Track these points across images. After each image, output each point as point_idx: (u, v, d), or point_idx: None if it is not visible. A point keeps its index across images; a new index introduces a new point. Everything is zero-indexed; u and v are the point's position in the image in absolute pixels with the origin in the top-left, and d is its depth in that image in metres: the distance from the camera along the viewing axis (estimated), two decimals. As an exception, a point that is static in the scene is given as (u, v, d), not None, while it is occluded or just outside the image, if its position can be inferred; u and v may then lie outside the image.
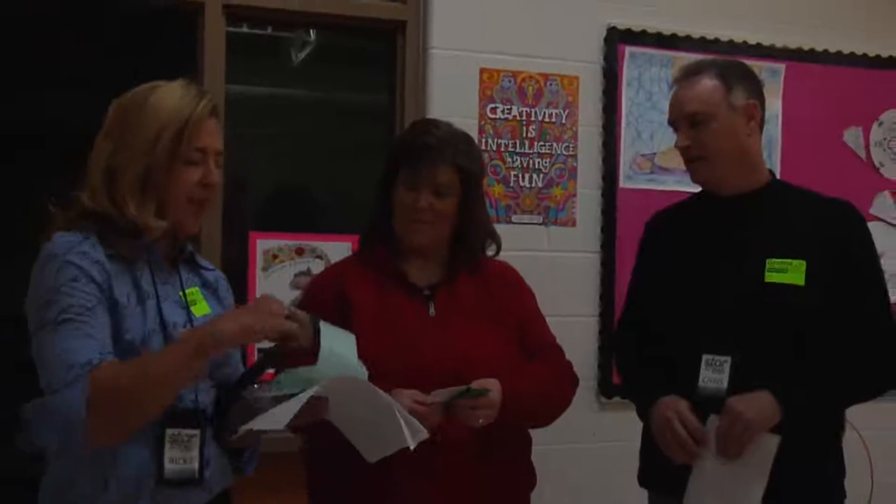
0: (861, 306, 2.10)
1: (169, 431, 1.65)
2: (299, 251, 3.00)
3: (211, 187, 1.74)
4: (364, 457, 1.85)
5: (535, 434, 2.24)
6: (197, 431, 1.68)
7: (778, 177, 3.41)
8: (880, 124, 3.60)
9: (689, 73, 2.19)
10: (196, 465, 1.67)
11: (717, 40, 3.37)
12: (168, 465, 1.64)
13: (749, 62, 3.36)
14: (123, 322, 1.63)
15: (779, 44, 3.45)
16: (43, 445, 1.63)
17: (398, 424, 1.74)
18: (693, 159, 2.16)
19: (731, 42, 3.39)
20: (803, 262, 2.06)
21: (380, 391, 1.74)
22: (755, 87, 2.19)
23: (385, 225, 2.16)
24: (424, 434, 1.79)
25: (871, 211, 3.57)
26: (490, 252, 2.25)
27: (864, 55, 3.57)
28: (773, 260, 2.08)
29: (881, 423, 3.14)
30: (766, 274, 2.08)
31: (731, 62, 2.27)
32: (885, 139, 3.60)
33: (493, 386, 1.97)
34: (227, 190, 2.83)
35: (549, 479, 2.27)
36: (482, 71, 3.12)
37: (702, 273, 2.14)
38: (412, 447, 1.76)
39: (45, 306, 1.58)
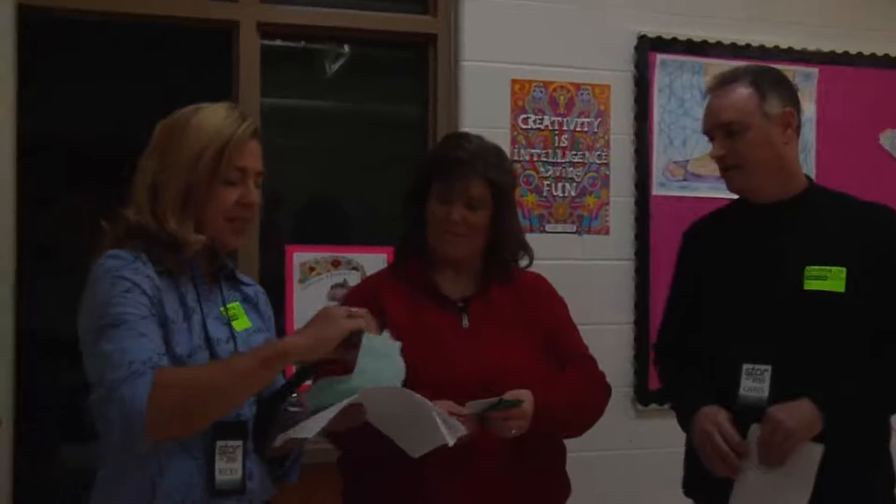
0: None
1: (219, 443, 1.69)
2: (335, 263, 3.04)
3: (250, 207, 1.78)
4: (407, 453, 1.87)
5: (571, 440, 2.25)
6: (240, 443, 1.73)
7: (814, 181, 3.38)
8: (917, 126, 3.57)
9: (724, 82, 2.17)
10: (240, 475, 1.72)
11: (748, 46, 3.37)
12: (218, 476, 1.69)
13: (781, 67, 3.34)
14: (172, 337, 1.67)
15: (811, 47, 3.45)
16: (105, 437, 1.65)
17: (435, 424, 1.77)
18: (729, 168, 2.16)
19: (762, 47, 3.38)
20: (843, 269, 2.05)
21: (415, 395, 1.76)
22: (790, 94, 2.18)
23: (418, 237, 2.19)
24: (462, 430, 1.81)
25: (909, 213, 3.56)
26: (522, 264, 2.27)
27: (899, 57, 3.54)
28: (812, 267, 2.07)
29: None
30: (805, 282, 2.06)
31: (764, 69, 2.25)
32: (921, 141, 3.58)
33: (525, 397, 1.99)
34: (264, 203, 2.90)
35: (584, 486, 2.28)
36: (513, 82, 3.15)
37: (740, 282, 2.14)
38: (451, 444, 1.78)
39: (99, 317, 1.62)
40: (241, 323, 1.82)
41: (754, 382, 2.05)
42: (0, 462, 2.65)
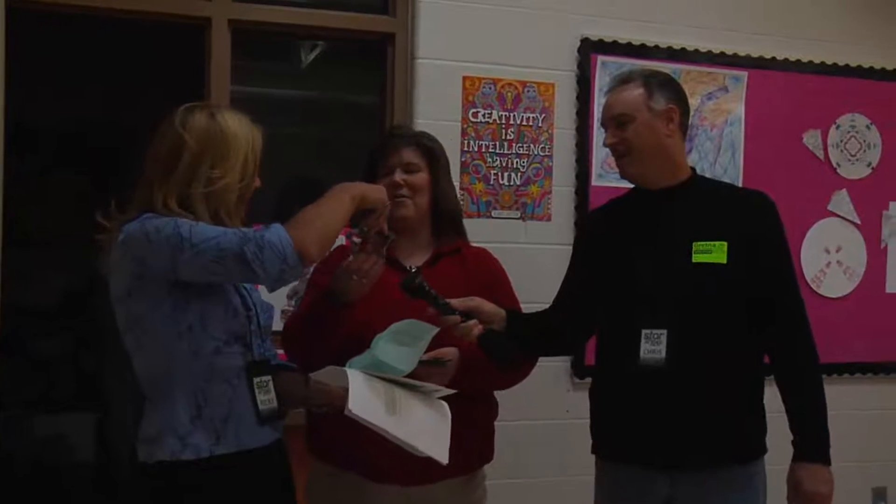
0: (776, 285, 2.34)
1: (255, 379, 2.00)
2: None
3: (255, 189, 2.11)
4: None
5: (513, 410, 2.52)
6: (269, 377, 2.04)
7: (741, 175, 3.67)
8: (837, 127, 3.76)
9: (619, 82, 2.42)
10: (276, 403, 2.03)
11: (683, 50, 3.53)
12: (260, 406, 1.99)
13: (714, 70, 3.62)
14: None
15: (742, 53, 3.61)
16: (267, 271, 1.91)
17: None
18: (621, 156, 2.38)
19: (696, 51, 3.54)
20: (725, 243, 2.28)
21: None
22: (676, 95, 2.40)
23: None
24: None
25: (829, 207, 3.76)
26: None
27: (823, 63, 3.72)
28: (699, 243, 2.30)
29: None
30: (693, 255, 2.29)
31: (655, 73, 2.48)
32: (841, 141, 3.77)
33: (451, 355, 2.29)
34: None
35: (524, 452, 2.52)
36: (465, 78, 3.31)
37: (636, 258, 2.35)
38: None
39: (175, 229, 1.90)
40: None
41: (652, 345, 2.27)
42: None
